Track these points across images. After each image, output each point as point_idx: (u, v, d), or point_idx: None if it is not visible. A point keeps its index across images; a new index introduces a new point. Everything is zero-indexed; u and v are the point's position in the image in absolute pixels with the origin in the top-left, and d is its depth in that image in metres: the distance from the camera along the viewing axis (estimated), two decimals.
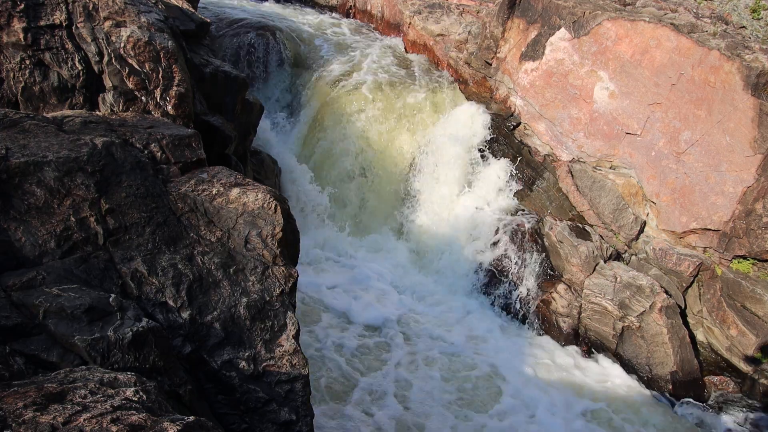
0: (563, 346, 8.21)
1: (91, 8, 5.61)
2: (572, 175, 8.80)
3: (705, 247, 7.89)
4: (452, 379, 7.24)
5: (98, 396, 2.53)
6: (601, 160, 8.59)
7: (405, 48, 11.37)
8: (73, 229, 4.00)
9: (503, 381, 7.37)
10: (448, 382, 7.17)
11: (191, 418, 2.52)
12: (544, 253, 8.50)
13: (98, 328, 3.31)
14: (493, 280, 8.83)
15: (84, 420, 2.32)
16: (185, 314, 4.04)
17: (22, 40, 5.31)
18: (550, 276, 8.45)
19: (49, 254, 3.85)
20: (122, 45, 5.62)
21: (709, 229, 7.73)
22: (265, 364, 4.13)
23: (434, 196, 9.62)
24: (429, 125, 9.82)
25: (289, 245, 4.82)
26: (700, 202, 7.76)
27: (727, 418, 7.33)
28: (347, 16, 13.45)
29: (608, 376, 7.78)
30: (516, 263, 8.67)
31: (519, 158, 9.35)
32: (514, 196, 9.40)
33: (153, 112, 5.78)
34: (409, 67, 10.65)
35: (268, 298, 4.38)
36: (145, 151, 4.86)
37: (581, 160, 8.76)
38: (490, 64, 9.87)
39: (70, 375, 2.79)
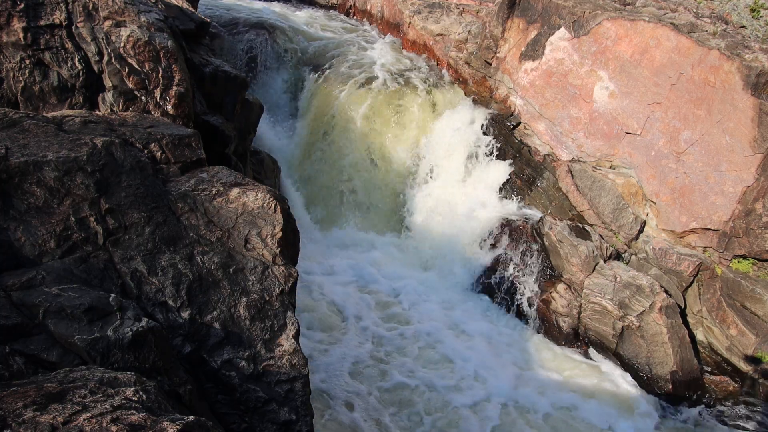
0: (563, 345, 8.21)
1: (90, 8, 5.61)
2: (572, 175, 8.80)
3: (705, 247, 7.89)
4: (445, 378, 7.23)
5: (98, 396, 2.53)
6: (601, 159, 8.59)
7: (404, 47, 11.37)
8: (72, 229, 4.00)
9: (499, 374, 7.38)
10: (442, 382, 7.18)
11: (191, 417, 2.52)
12: (543, 253, 8.50)
13: (98, 328, 3.31)
14: (492, 279, 8.83)
15: (84, 419, 2.32)
16: (185, 314, 4.04)
17: (22, 39, 5.31)
18: (549, 275, 8.45)
19: (49, 254, 3.85)
20: (122, 45, 5.63)
21: (709, 229, 7.73)
22: (264, 363, 4.13)
23: (434, 195, 9.62)
24: (429, 124, 9.82)
25: (289, 245, 4.82)
26: (700, 202, 7.76)
27: (727, 419, 7.33)
28: (347, 15, 13.45)
29: (607, 375, 7.78)
30: (516, 263, 8.67)
31: (519, 158, 9.35)
32: (513, 195, 9.40)
33: (153, 112, 5.78)
34: (408, 66, 10.64)
35: (267, 298, 4.38)
36: (145, 151, 4.86)
37: (581, 159, 8.76)
38: (490, 64, 9.87)
39: (69, 375, 2.79)
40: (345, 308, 8.13)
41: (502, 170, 9.43)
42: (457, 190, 9.57)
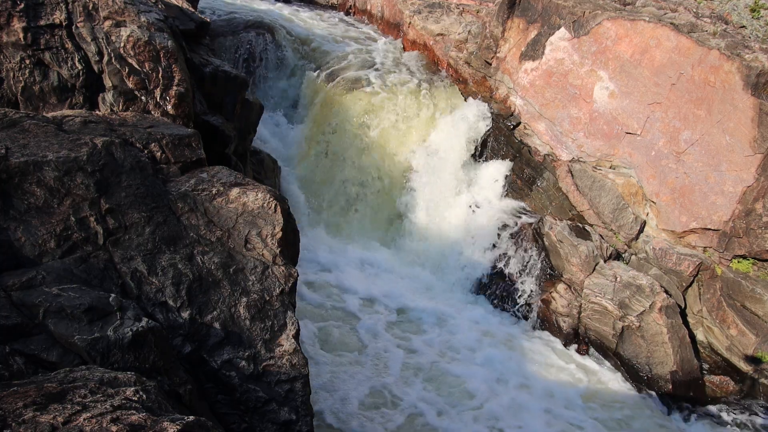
0: (563, 345, 8.21)
1: (90, 8, 5.61)
2: (572, 175, 8.80)
3: (705, 247, 7.89)
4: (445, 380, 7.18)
5: (98, 396, 2.54)
6: (601, 159, 8.59)
7: (404, 47, 11.37)
8: (72, 229, 4.00)
9: (501, 377, 7.37)
10: (440, 389, 7.11)
11: (191, 417, 2.52)
12: (544, 253, 8.50)
13: (98, 328, 3.32)
14: (492, 279, 8.83)
15: (84, 419, 2.32)
16: (185, 314, 4.04)
17: (22, 39, 5.32)
18: (549, 275, 8.45)
19: (49, 254, 3.85)
20: (122, 45, 5.63)
21: (709, 229, 7.74)
22: (265, 363, 4.14)
23: (434, 195, 9.61)
24: (429, 125, 9.82)
25: (289, 245, 4.82)
26: (700, 202, 7.76)
27: (727, 419, 7.33)
28: (347, 15, 13.46)
29: (606, 376, 7.78)
30: (516, 263, 8.67)
31: (519, 158, 9.35)
32: (513, 195, 9.40)
33: (153, 112, 5.78)
34: (408, 67, 10.64)
35: (268, 298, 4.38)
36: (145, 151, 4.86)
37: (581, 159, 8.76)
38: (490, 64, 9.87)
39: (69, 375, 2.79)
40: (344, 313, 8.09)
41: (501, 170, 9.43)
42: (458, 191, 9.57)
